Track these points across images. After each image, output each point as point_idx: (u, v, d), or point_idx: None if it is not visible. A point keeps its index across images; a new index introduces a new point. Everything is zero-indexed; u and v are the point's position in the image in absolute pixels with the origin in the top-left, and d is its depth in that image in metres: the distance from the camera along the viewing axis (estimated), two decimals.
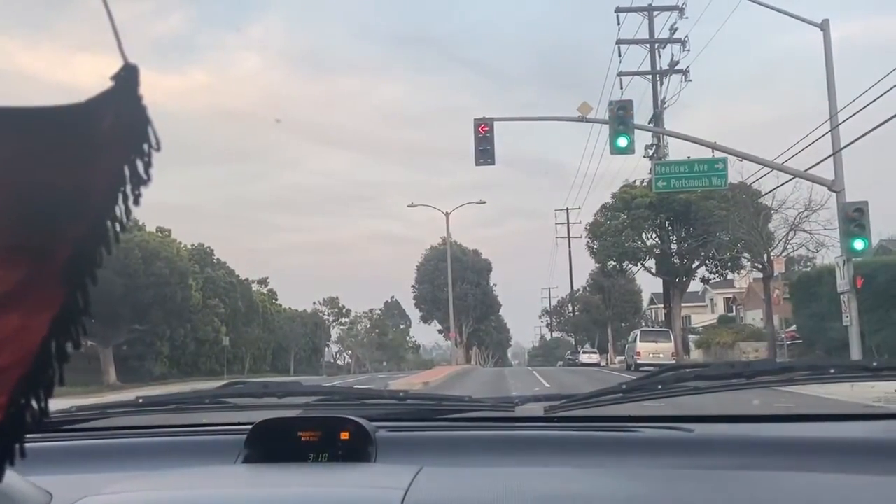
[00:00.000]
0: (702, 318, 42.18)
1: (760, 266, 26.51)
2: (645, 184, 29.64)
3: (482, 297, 54.37)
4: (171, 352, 29.45)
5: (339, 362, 52.72)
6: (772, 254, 25.40)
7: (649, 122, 27.63)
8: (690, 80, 29.04)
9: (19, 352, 0.56)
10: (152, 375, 27.68)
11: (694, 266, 32.10)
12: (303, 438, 1.28)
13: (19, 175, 0.56)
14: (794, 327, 25.26)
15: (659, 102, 29.77)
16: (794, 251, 26.32)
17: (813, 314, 20.83)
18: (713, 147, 16.88)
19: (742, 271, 32.40)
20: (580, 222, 43.29)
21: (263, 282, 46.60)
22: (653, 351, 25.53)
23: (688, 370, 1.51)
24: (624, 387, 1.46)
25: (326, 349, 53.15)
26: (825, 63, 15.52)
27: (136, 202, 0.55)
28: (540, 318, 65.40)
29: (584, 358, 40.95)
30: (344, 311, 58.25)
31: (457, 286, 43.63)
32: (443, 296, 44.35)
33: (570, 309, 55.50)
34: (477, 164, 16.19)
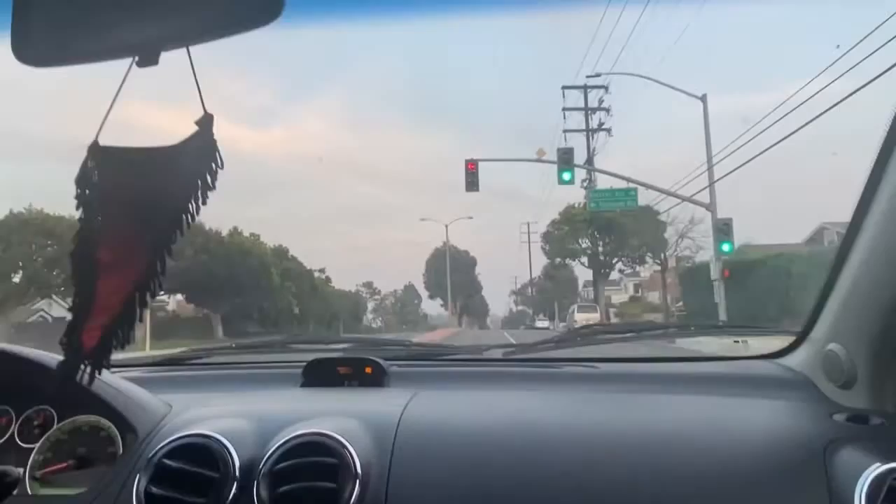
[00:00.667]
0: (619, 298, 41.91)
1: (659, 262, 26.50)
2: (581, 206, 29.48)
3: (470, 282, 54.18)
4: (260, 316, 29.25)
5: (373, 325, 52.29)
6: (666, 254, 25.39)
7: (585, 163, 27.45)
8: (612, 136, 28.96)
9: (117, 300, 0.57)
10: (247, 332, 27.52)
11: (613, 262, 31.94)
12: (340, 371, 1.28)
13: (135, 190, 0.58)
14: (681, 303, 25.16)
15: (591, 150, 29.60)
16: (681, 252, 26.28)
17: (695, 294, 20.72)
18: (628, 180, 16.87)
19: (646, 265, 32.31)
20: (537, 232, 43.09)
21: (322, 270, 46.23)
22: (586, 319, 25.34)
23: (597, 327, 1.52)
24: (555, 339, 1.48)
25: (365, 317, 52.76)
26: (704, 124, 15.51)
27: (204, 202, 0.56)
28: (509, 296, 64.87)
29: (538, 324, 40.62)
30: (376, 290, 57.91)
31: (453, 275, 43.54)
32: (443, 282, 44.27)
33: (530, 291, 55.19)
34: (467, 191, 15.95)
